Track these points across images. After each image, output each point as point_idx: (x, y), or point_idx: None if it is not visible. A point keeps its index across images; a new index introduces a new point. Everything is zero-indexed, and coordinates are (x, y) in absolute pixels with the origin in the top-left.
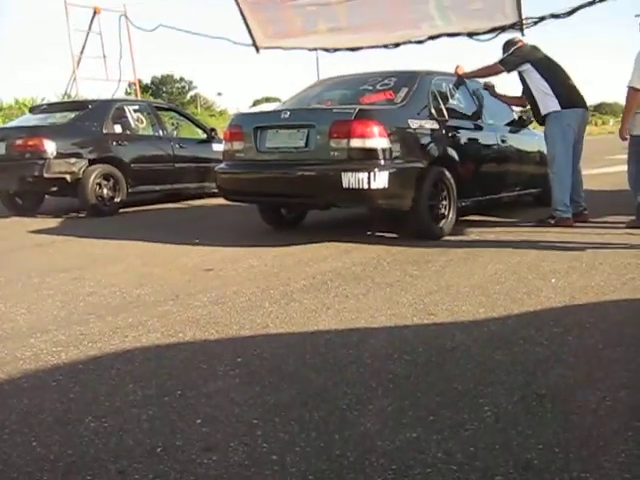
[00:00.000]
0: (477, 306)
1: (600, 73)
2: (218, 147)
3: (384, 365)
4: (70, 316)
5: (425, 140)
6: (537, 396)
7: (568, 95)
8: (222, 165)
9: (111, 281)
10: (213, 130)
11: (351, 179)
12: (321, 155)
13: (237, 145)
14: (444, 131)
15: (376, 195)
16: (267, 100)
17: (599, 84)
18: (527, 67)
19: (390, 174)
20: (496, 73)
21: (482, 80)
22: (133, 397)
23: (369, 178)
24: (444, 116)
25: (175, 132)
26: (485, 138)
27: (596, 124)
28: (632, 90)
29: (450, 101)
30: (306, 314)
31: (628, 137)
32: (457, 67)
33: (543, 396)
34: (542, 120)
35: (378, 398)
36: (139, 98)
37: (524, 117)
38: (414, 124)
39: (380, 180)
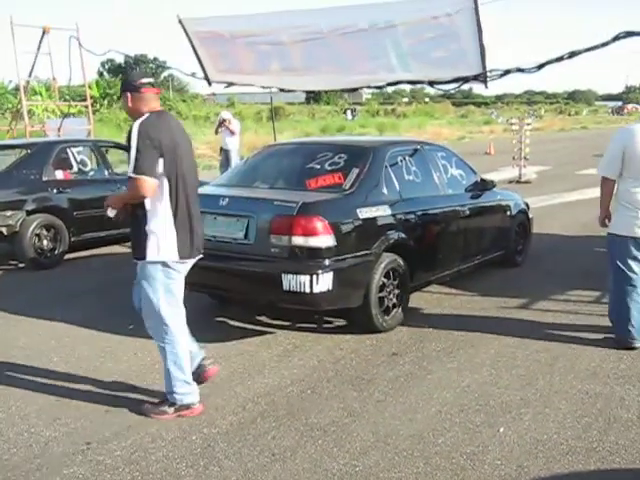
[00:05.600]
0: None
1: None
2: None
3: None
4: None
5: (376, 229)
6: None
7: None
8: None
9: (22, 411)
10: None
11: (292, 281)
12: (261, 250)
13: None
14: (398, 215)
15: (319, 299)
16: None
17: (572, 70)
18: None
19: (335, 274)
20: None
21: None
22: None
23: (311, 281)
24: (399, 195)
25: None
26: (444, 212)
27: (569, 114)
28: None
29: (406, 177)
30: None
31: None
32: None
33: None
34: None
35: None
36: (91, 121)
37: (487, 180)
38: (363, 213)
39: (324, 283)
